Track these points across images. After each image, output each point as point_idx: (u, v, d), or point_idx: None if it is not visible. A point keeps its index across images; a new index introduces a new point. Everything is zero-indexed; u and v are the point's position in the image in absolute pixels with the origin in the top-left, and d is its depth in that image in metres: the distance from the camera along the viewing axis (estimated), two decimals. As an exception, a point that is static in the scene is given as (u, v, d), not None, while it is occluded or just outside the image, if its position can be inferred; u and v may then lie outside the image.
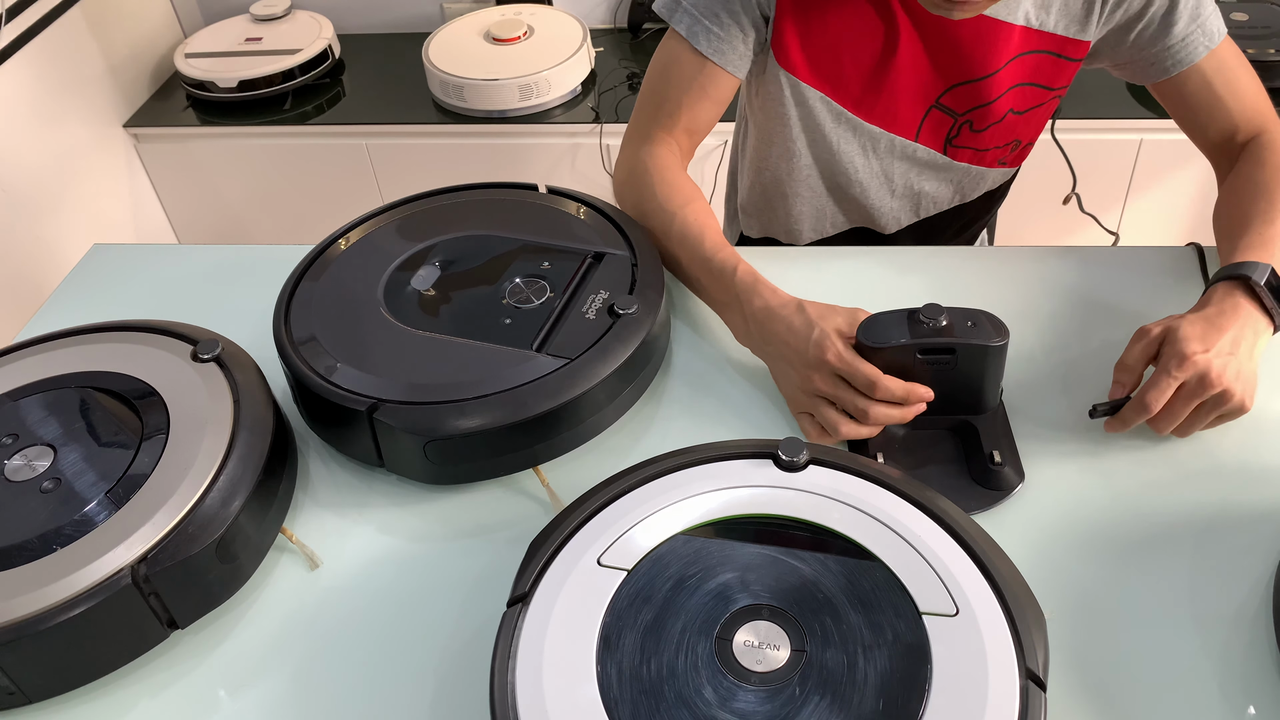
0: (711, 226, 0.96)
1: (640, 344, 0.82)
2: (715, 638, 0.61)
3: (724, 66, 1.01)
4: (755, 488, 0.68)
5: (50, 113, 1.92)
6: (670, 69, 1.03)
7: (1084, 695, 0.66)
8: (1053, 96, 1.07)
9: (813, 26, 1.01)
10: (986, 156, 1.12)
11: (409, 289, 0.88)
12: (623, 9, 2.22)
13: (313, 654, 0.71)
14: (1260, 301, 0.81)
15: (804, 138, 1.11)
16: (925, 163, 1.12)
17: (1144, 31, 0.98)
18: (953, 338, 0.77)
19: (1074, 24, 1.01)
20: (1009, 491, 0.78)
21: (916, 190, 1.15)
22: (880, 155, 1.11)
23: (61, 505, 0.71)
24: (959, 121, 1.07)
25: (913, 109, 1.06)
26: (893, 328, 0.78)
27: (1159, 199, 1.97)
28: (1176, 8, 0.96)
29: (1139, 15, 0.98)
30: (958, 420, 0.82)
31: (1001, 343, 0.77)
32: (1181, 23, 0.96)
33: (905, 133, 1.08)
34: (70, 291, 1.06)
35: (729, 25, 1.00)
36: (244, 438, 0.75)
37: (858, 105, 1.06)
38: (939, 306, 0.78)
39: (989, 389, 0.80)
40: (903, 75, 1.03)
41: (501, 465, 0.80)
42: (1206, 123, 1.00)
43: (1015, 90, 1.04)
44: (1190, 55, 0.98)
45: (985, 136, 1.09)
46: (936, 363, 0.78)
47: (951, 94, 1.05)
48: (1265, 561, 0.72)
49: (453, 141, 2.03)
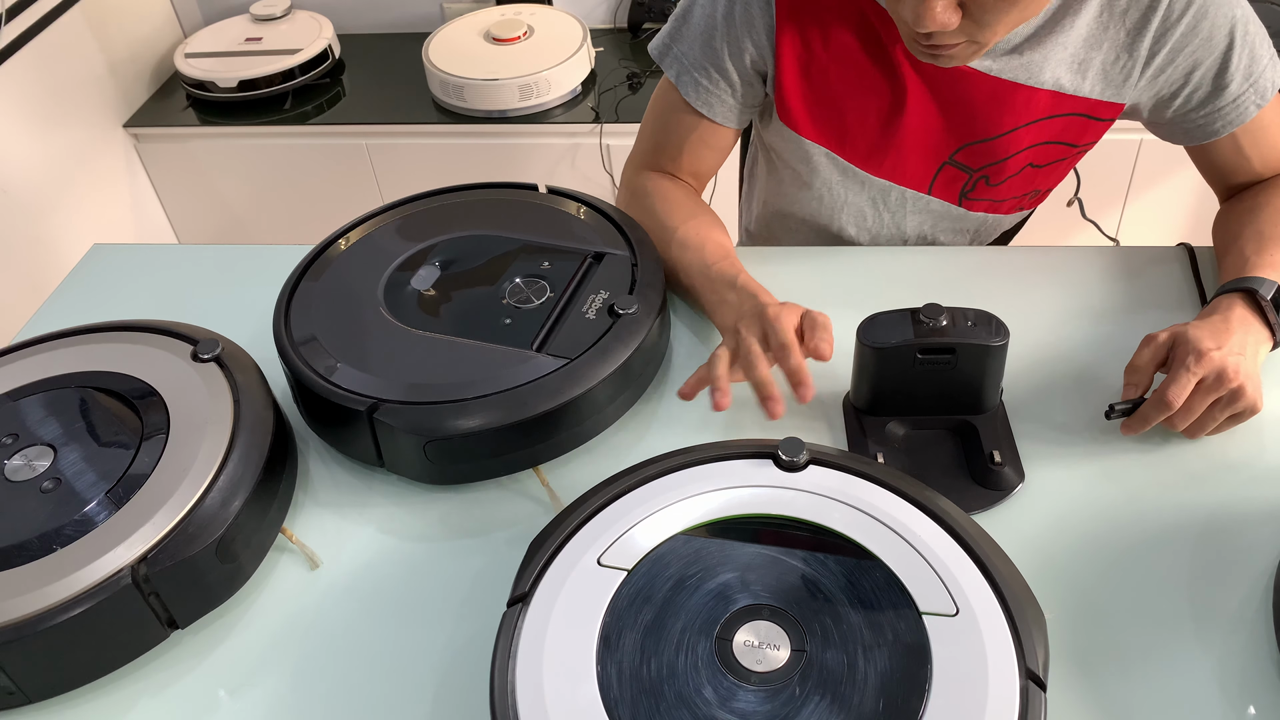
0: (713, 239, 0.95)
1: (640, 344, 0.82)
2: (715, 638, 0.61)
3: (714, 120, 1.00)
4: (755, 488, 0.68)
5: (50, 113, 1.92)
6: (669, 117, 1.02)
7: (1084, 695, 0.66)
8: (1077, 152, 1.02)
9: (814, 83, 0.98)
10: (1003, 206, 1.08)
11: (409, 289, 0.88)
12: (623, 9, 2.22)
13: (313, 654, 0.71)
14: (1264, 315, 0.82)
15: (810, 189, 1.08)
16: (940, 214, 1.08)
17: (1192, 96, 0.92)
18: (952, 338, 0.77)
19: (1109, 87, 0.94)
20: (1009, 491, 0.78)
21: (931, 240, 1.11)
22: (892, 208, 1.07)
23: (61, 505, 0.71)
24: (974, 177, 1.03)
25: (924, 165, 1.02)
26: (893, 328, 0.78)
27: (1159, 200, 1.97)
28: (1229, 69, 0.90)
29: (1184, 80, 0.91)
30: (958, 420, 0.82)
31: (1001, 343, 0.77)
32: (1234, 84, 0.90)
33: (917, 186, 1.04)
34: (70, 291, 1.06)
35: (717, 80, 0.98)
36: (244, 438, 0.75)
37: (865, 161, 1.03)
38: (939, 306, 0.78)
39: (989, 389, 0.80)
40: (912, 133, 0.99)
41: (501, 465, 0.80)
42: (1228, 176, 0.98)
43: (1036, 148, 0.99)
44: (1239, 116, 0.92)
45: (1002, 189, 1.04)
46: (937, 362, 0.78)
47: (964, 152, 1.00)
48: (1265, 561, 0.72)
49: (453, 141, 2.03)
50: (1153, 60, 0.91)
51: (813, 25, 0.94)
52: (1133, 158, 1.90)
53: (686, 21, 0.99)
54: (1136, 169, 1.92)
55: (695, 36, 0.98)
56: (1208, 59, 0.90)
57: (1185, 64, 0.91)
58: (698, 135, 1.02)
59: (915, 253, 1.03)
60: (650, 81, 2.04)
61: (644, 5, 2.16)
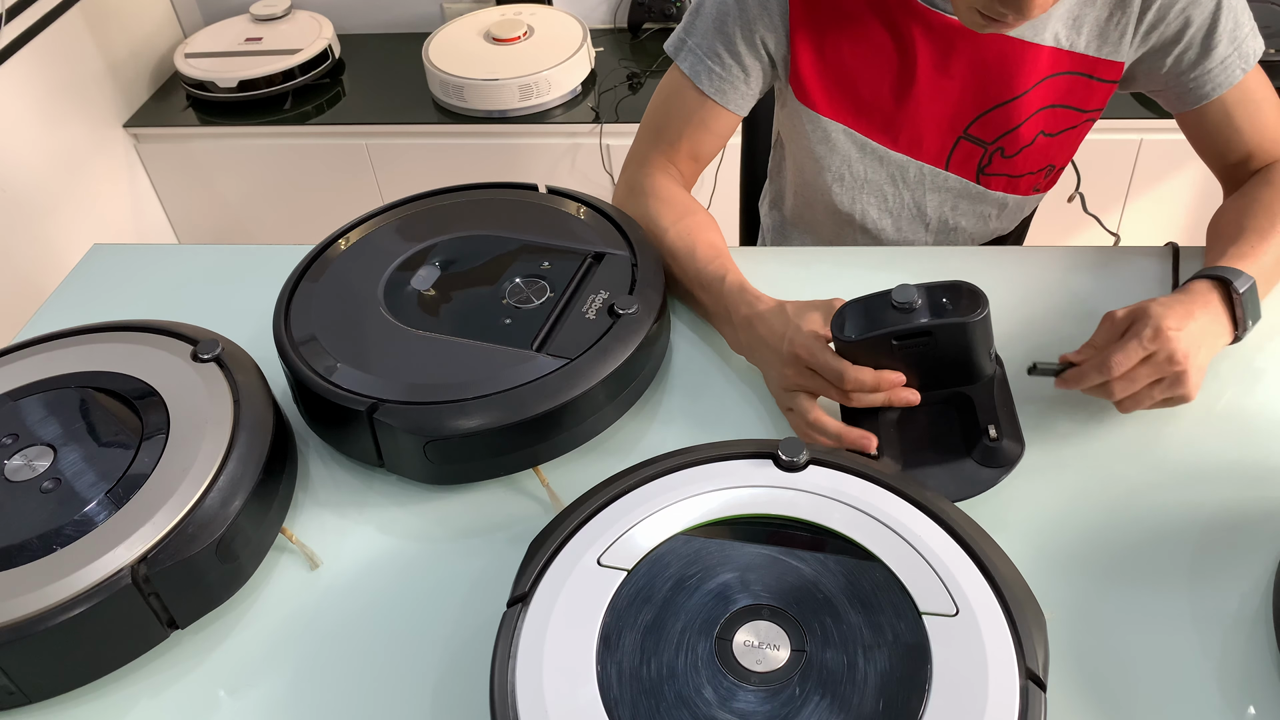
0: (704, 239, 0.95)
1: (640, 344, 0.82)
2: (715, 638, 0.61)
3: (725, 105, 1.03)
4: (755, 488, 0.68)
5: (50, 113, 1.92)
6: (672, 100, 1.04)
7: (1084, 695, 0.66)
8: (1085, 119, 1.04)
9: (827, 58, 1.01)
10: (1021, 184, 1.09)
11: (409, 289, 0.88)
12: (623, 9, 2.22)
13: (313, 654, 0.71)
14: (1232, 310, 0.82)
15: (829, 170, 1.09)
16: (959, 193, 1.09)
17: (1183, 55, 0.95)
18: (927, 319, 0.74)
19: (1106, 45, 0.97)
20: (1011, 465, 0.77)
21: (951, 226, 1.13)
22: (910, 185, 1.09)
23: (61, 505, 0.71)
24: (989, 150, 1.05)
25: (940, 137, 1.04)
26: (863, 318, 0.76)
27: (1159, 199, 1.97)
28: (1216, 29, 0.93)
29: (1176, 38, 0.94)
30: (953, 392, 0.80)
31: (979, 317, 0.74)
32: (1221, 45, 0.93)
33: (934, 161, 1.06)
34: (70, 291, 1.06)
35: (731, 66, 1.01)
36: (244, 438, 0.75)
37: (882, 134, 1.05)
38: (910, 287, 0.75)
39: (977, 360, 0.78)
40: (925, 102, 1.01)
41: (501, 465, 0.80)
42: (1224, 150, 0.99)
43: (1045, 112, 1.02)
44: (1227, 79, 0.94)
45: (1018, 162, 1.06)
46: (915, 345, 0.76)
47: (980, 123, 1.02)
48: (1265, 561, 0.72)
49: (453, 141, 2.03)
50: (1145, 15, 0.95)
51: (825, 2, 0.98)
52: (1133, 158, 1.90)
53: (699, 14, 1.02)
54: (1136, 169, 1.92)
55: (707, 27, 1.01)
56: (1199, 18, 0.93)
57: (1177, 22, 0.94)
58: (700, 119, 1.03)
59: (916, 253, 1.04)
60: (650, 82, 2.04)
61: (644, 5, 2.16)
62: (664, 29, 2.20)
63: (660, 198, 1.00)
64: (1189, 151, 1.04)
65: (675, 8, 2.14)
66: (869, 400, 0.78)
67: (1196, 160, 1.04)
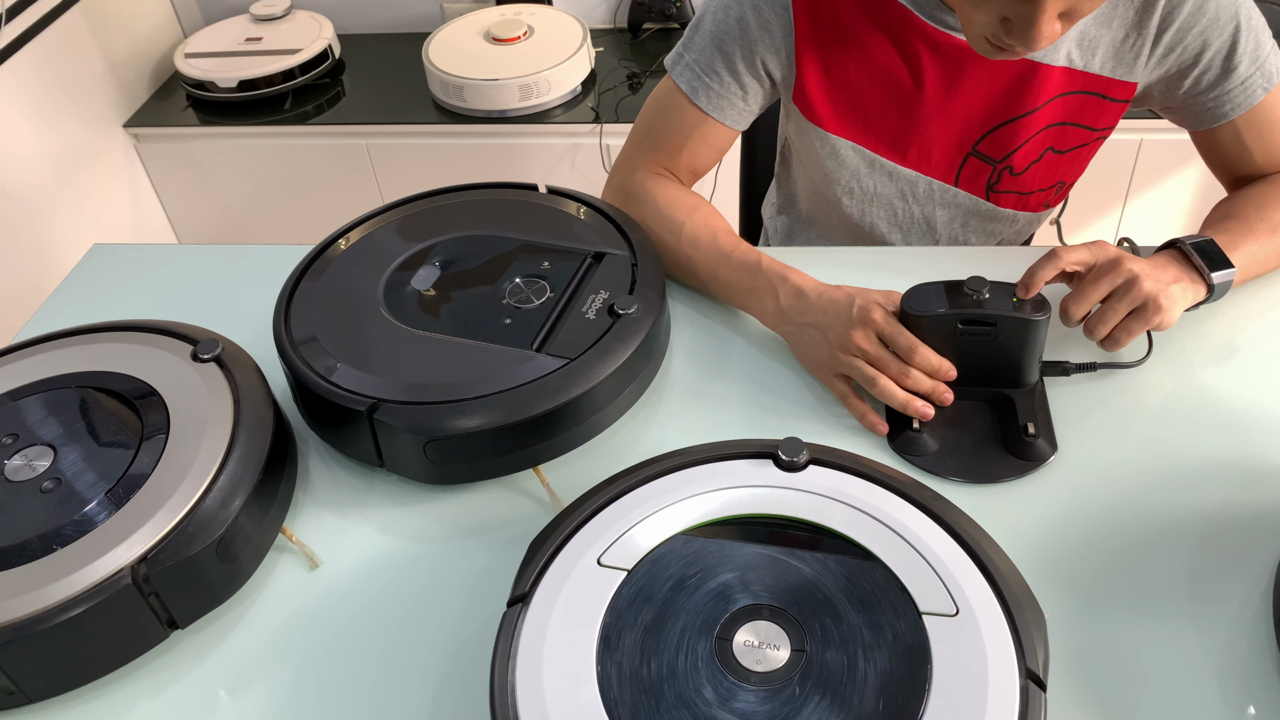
0: (722, 228, 0.96)
1: (640, 344, 0.82)
2: (715, 638, 0.61)
3: (723, 122, 1.02)
4: (755, 488, 0.69)
5: (50, 113, 1.92)
6: (670, 113, 1.03)
7: (1084, 695, 0.66)
8: (1096, 137, 1.03)
9: (834, 76, 1.00)
10: (1031, 200, 1.08)
11: (409, 289, 0.88)
12: (623, 9, 2.22)
13: (313, 654, 0.71)
14: (1191, 263, 0.85)
15: (838, 184, 1.09)
16: (969, 210, 1.09)
17: (1201, 77, 0.94)
18: (994, 310, 0.78)
19: (1120, 66, 0.96)
20: (1041, 462, 0.79)
21: (962, 242, 1.13)
22: (920, 200, 1.08)
23: (61, 505, 0.71)
24: (998, 168, 1.04)
25: (948, 153, 1.04)
26: (936, 297, 0.80)
27: (1159, 199, 1.97)
28: (1236, 51, 0.91)
29: (1194, 60, 0.93)
30: (996, 393, 0.83)
31: (1043, 318, 0.78)
32: (1242, 65, 0.92)
33: (944, 177, 1.06)
34: (70, 291, 1.06)
35: (729, 84, 1.00)
36: (244, 438, 0.75)
37: (890, 149, 1.04)
38: (983, 279, 0.79)
39: (1027, 363, 0.81)
40: (933, 119, 1.00)
41: (501, 465, 0.80)
42: (1234, 165, 0.99)
43: (1055, 129, 1.01)
44: (1248, 99, 0.93)
45: (1027, 179, 1.05)
46: (977, 334, 0.79)
47: (986, 141, 1.01)
48: (1265, 561, 0.72)
49: (453, 141, 2.03)
50: (1161, 38, 0.93)
51: (830, 22, 0.97)
52: (1133, 158, 1.90)
53: (698, 30, 1.01)
54: (1136, 169, 1.92)
55: (706, 44, 0.99)
56: (1217, 40, 0.92)
57: (1195, 44, 0.92)
58: (700, 133, 1.03)
59: (917, 254, 1.04)
60: (650, 82, 2.04)
61: (644, 5, 2.16)
62: (664, 29, 2.20)
63: (667, 194, 1.00)
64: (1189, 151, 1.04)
65: (675, 8, 2.14)
66: (921, 384, 0.80)
67: (1197, 160, 1.04)
